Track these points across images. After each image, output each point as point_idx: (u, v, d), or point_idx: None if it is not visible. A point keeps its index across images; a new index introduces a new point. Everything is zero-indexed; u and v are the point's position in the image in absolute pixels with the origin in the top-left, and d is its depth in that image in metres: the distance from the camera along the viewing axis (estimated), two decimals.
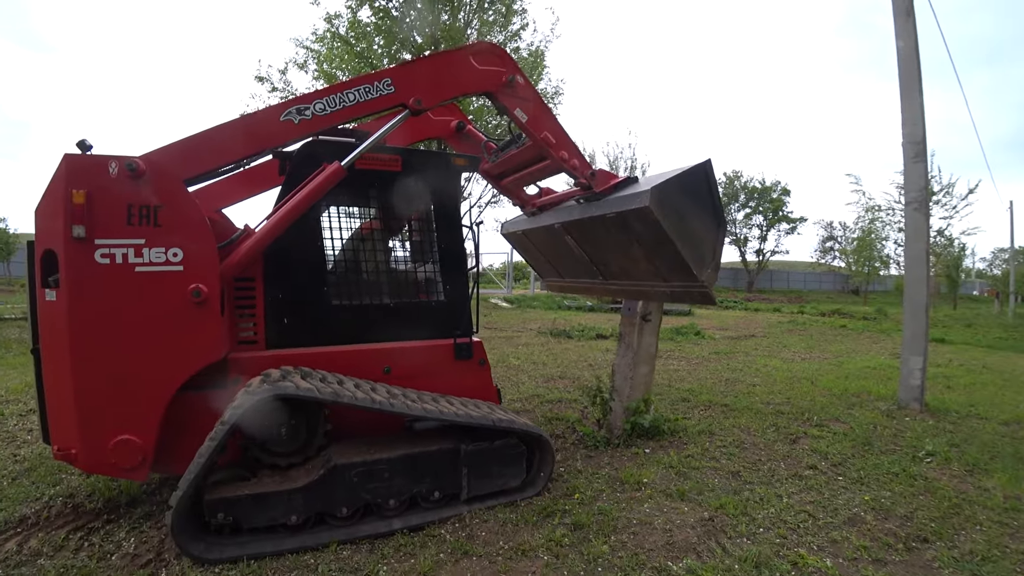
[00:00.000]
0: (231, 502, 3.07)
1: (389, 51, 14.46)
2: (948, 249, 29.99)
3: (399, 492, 3.43)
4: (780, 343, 13.02)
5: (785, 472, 4.45)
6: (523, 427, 3.76)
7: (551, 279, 6.53)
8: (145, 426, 3.15)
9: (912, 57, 6.66)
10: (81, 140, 3.12)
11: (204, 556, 2.98)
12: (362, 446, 3.50)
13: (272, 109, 3.57)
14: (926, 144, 6.64)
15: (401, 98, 3.80)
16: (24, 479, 4.05)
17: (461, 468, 3.58)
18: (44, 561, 2.99)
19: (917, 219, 6.69)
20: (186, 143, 3.37)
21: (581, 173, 4.54)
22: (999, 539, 3.43)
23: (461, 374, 4.21)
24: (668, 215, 4.10)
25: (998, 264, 44.94)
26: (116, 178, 3.05)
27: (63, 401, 3.10)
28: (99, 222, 3.01)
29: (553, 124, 4.40)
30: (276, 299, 3.73)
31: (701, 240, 4.43)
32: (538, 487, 3.90)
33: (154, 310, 3.14)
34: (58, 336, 3.05)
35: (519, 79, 4.20)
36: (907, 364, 6.59)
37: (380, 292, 4.11)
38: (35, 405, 5.93)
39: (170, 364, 3.19)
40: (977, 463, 4.71)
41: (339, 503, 3.27)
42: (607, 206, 4.44)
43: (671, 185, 4.14)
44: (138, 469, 3.16)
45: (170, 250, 3.15)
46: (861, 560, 3.16)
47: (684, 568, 3.01)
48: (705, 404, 6.61)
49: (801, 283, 53.11)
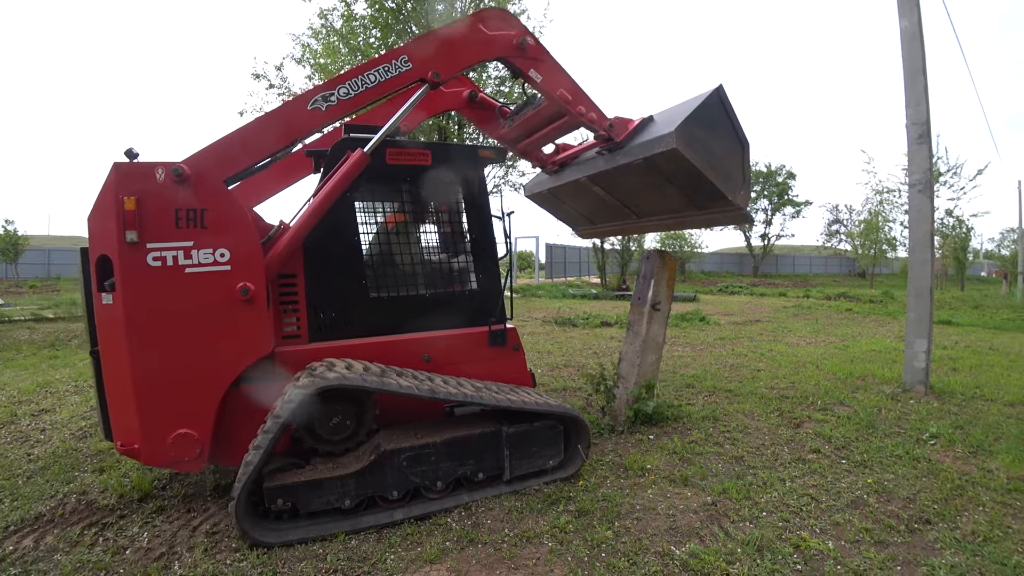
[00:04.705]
0: (289, 488, 3.24)
1: (385, 43, 14.38)
2: (956, 231, 29.65)
3: (446, 475, 3.60)
4: (785, 328, 12.99)
5: (788, 456, 4.48)
6: (562, 409, 3.92)
7: (584, 227, 6.66)
8: (202, 420, 3.32)
9: (916, 37, 6.57)
10: (128, 148, 3.28)
11: (263, 540, 3.12)
12: (408, 432, 3.68)
13: (298, 100, 3.65)
14: (930, 126, 6.57)
15: (419, 73, 3.86)
16: (39, 477, 4.14)
17: (503, 449, 3.74)
18: (60, 556, 3.07)
19: (921, 201, 6.64)
20: (221, 144, 3.47)
21: (600, 126, 4.57)
22: (1001, 519, 3.45)
23: (496, 360, 4.33)
24: (695, 150, 4.16)
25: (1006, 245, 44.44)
26: (163, 184, 3.20)
27: (124, 399, 3.25)
28: (150, 227, 3.15)
29: (568, 81, 4.43)
30: (318, 294, 3.84)
31: (729, 165, 4.48)
32: (577, 465, 4.04)
33: (205, 309, 3.29)
34: (116, 338, 3.19)
35: (529, 40, 4.22)
36: (912, 347, 6.57)
37: (416, 283, 4.22)
38: (47, 405, 6.06)
39: (223, 360, 3.35)
40: (981, 445, 4.71)
41: (390, 487, 3.44)
42: (632, 153, 4.49)
43: (692, 121, 4.17)
44: (196, 461, 3.33)
45: (217, 251, 3.29)
46: (863, 542, 3.19)
47: (687, 552, 3.05)
48: (709, 390, 6.64)
49: (807, 267, 52.78)
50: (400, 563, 2.98)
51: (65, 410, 5.87)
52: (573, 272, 37.64)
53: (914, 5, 6.59)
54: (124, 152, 3.27)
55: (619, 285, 24.07)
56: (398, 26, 14.26)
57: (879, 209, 34.33)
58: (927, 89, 6.54)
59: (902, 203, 30.62)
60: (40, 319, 13.65)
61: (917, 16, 6.59)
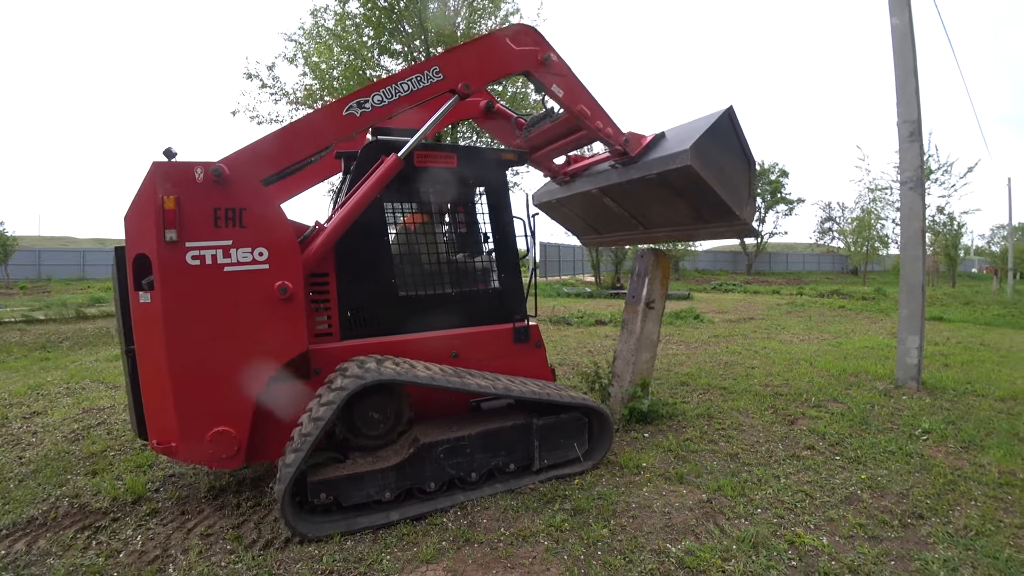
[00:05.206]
0: (332, 483, 3.31)
1: (379, 42, 14.31)
2: (948, 228, 29.86)
3: (480, 465, 3.74)
4: (779, 325, 13.06)
5: (783, 453, 4.50)
6: (584, 402, 4.10)
7: (590, 237, 6.84)
8: (239, 417, 3.34)
9: (907, 36, 6.61)
10: (167, 148, 3.31)
11: (309, 533, 3.18)
12: (443, 425, 3.81)
13: (334, 106, 3.79)
14: (921, 124, 6.62)
15: (450, 84, 4.02)
16: (30, 481, 4.10)
17: (533, 441, 3.89)
18: (53, 560, 3.04)
19: (913, 199, 6.68)
20: (259, 145, 3.54)
21: (616, 141, 4.78)
22: (993, 514, 3.48)
23: (520, 355, 4.43)
24: (707, 167, 4.40)
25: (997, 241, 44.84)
26: (202, 183, 3.22)
27: (161, 397, 3.26)
28: (189, 226, 3.18)
29: (587, 97, 4.62)
30: (349, 292, 3.91)
31: (737, 181, 4.73)
32: (602, 453, 4.21)
33: (244, 307, 3.32)
34: (154, 336, 3.21)
35: (553, 56, 4.42)
36: (904, 343, 6.62)
37: (442, 282, 4.32)
38: (39, 407, 6.01)
39: (261, 358, 3.38)
40: (973, 440, 4.76)
41: (428, 478, 3.56)
42: (646, 168, 4.72)
43: (705, 139, 4.40)
44: (234, 458, 3.36)
45: (256, 249, 3.34)
46: (857, 538, 3.21)
47: (682, 550, 3.06)
48: (704, 388, 6.66)
49: (800, 264, 53.09)
50: (396, 563, 2.98)
51: (57, 412, 5.82)
52: (567, 271, 37.71)
53: (905, 4, 6.62)
54: (163, 152, 3.31)
55: (613, 283, 24.12)
56: (391, 25, 14.20)
57: (871, 207, 34.56)
58: (918, 88, 6.59)
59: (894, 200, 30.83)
60: (31, 321, 13.53)
61: (908, 15, 6.62)
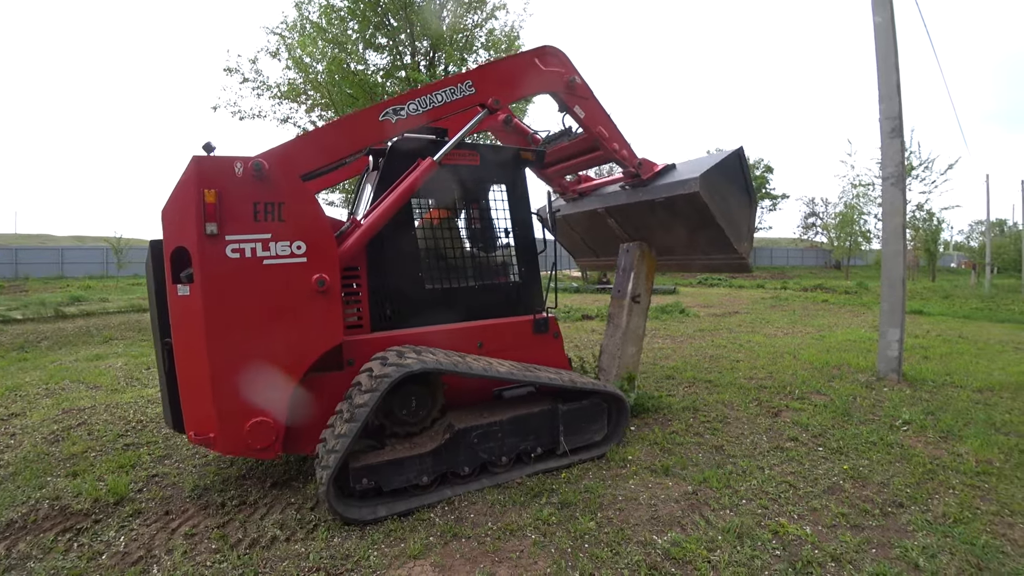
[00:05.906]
0: (374, 468, 3.41)
1: (364, 35, 14.17)
2: (928, 223, 30.38)
3: (510, 450, 3.90)
4: (763, 319, 13.21)
5: (767, 445, 4.56)
6: (606, 388, 4.30)
7: (586, 258, 7.03)
8: (277, 408, 3.40)
9: (888, 32, 6.69)
10: (206, 143, 3.34)
11: (354, 517, 3.27)
12: (474, 412, 3.97)
13: (370, 111, 3.92)
14: (903, 120, 6.72)
15: (481, 98, 4.22)
16: (9, 483, 4.02)
17: (559, 425, 4.05)
18: (33, 564, 2.99)
19: (894, 195, 6.79)
20: (297, 144, 3.62)
21: (630, 163, 5.04)
22: (971, 501, 3.56)
23: (539, 346, 4.59)
24: (714, 198, 4.66)
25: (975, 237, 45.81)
26: (242, 178, 3.26)
27: (199, 389, 3.28)
28: (229, 219, 3.22)
29: (606, 119, 4.85)
30: (379, 285, 4.03)
31: (738, 217, 4.99)
32: (619, 436, 4.42)
33: (282, 299, 3.36)
34: (193, 328, 3.23)
35: (578, 79, 4.66)
36: (885, 336, 6.74)
37: (466, 276, 4.47)
38: (17, 409, 5.89)
39: (298, 349, 3.43)
40: (951, 430, 4.86)
41: (462, 463, 3.71)
42: (655, 192, 4.98)
43: (714, 171, 4.69)
44: (271, 448, 3.41)
45: (294, 243, 3.39)
46: (839, 527, 3.27)
47: (668, 541, 3.09)
48: (689, 381, 6.72)
49: (784, 259, 53.67)
50: (384, 559, 2.97)
51: (36, 414, 5.71)
52: None
53: (887, 2, 6.70)
54: (202, 146, 3.34)
55: (600, 279, 24.20)
56: (376, 18, 14.07)
57: (854, 202, 35.05)
58: (899, 84, 6.68)
59: (876, 196, 31.29)
60: (8, 320, 13.23)
61: (890, 12, 6.71)
